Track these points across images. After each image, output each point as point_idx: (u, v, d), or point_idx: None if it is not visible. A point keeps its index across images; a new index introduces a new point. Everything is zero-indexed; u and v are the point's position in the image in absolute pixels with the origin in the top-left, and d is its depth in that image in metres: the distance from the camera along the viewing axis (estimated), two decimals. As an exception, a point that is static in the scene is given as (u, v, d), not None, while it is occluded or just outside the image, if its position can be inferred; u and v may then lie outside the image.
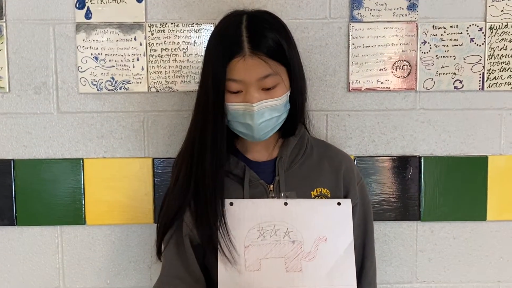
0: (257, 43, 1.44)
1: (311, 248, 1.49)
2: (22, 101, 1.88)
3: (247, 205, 1.51)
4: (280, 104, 1.49)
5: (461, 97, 1.91)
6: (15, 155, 1.89)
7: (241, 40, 1.45)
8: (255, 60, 1.44)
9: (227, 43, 1.46)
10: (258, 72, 1.44)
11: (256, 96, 1.45)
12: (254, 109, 1.45)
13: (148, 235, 1.91)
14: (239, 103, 1.47)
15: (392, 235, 1.94)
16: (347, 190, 1.60)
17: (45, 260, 1.92)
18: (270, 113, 1.48)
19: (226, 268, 1.47)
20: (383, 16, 1.88)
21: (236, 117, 1.49)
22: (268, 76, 1.45)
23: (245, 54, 1.44)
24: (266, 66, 1.44)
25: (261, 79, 1.45)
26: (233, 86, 1.46)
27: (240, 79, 1.45)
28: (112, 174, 1.89)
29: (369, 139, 1.92)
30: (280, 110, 1.51)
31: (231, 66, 1.44)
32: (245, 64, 1.44)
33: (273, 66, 1.45)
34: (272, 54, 1.45)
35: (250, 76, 1.44)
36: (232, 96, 1.47)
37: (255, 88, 1.45)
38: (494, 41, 1.89)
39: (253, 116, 1.46)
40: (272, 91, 1.47)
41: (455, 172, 1.92)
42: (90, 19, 1.86)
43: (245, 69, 1.44)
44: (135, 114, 1.89)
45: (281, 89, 1.49)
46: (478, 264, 1.96)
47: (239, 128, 1.52)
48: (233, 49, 1.44)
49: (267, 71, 1.45)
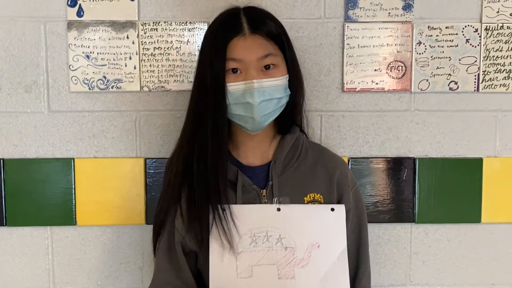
0: (256, 25, 1.47)
1: (304, 254, 1.47)
2: (12, 99, 1.86)
3: (239, 210, 1.50)
4: (281, 85, 1.49)
5: (456, 98, 1.90)
6: (5, 154, 1.87)
7: (240, 22, 1.47)
8: (255, 39, 1.46)
9: (226, 25, 1.48)
10: (258, 51, 1.46)
11: (256, 76, 1.46)
12: (254, 86, 1.45)
13: (139, 236, 1.89)
14: (239, 82, 1.46)
15: (386, 237, 1.92)
16: (341, 195, 1.59)
17: (35, 261, 1.90)
18: (271, 93, 1.47)
19: (218, 274, 1.46)
20: (378, 16, 1.86)
21: (236, 97, 1.47)
22: (268, 55, 1.47)
23: (245, 33, 1.46)
24: (267, 44, 1.46)
25: (261, 59, 1.46)
26: (233, 65, 1.46)
27: (240, 58, 1.45)
28: (104, 174, 1.88)
29: (364, 140, 1.90)
30: (281, 92, 1.50)
31: (231, 46, 1.45)
32: (245, 43, 1.45)
33: (273, 47, 1.47)
34: (271, 36, 1.47)
35: (251, 55, 1.45)
36: (232, 76, 1.47)
37: (255, 68, 1.46)
38: (489, 42, 1.88)
39: (254, 93, 1.45)
40: (271, 71, 1.48)
41: (450, 174, 1.91)
42: (82, 17, 1.83)
43: (246, 48, 1.45)
44: (127, 113, 1.87)
45: (280, 72, 1.49)
46: (472, 267, 1.95)
47: (238, 111, 1.48)
48: (233, 29, 1.46)
49: (267, 50, 1.46)
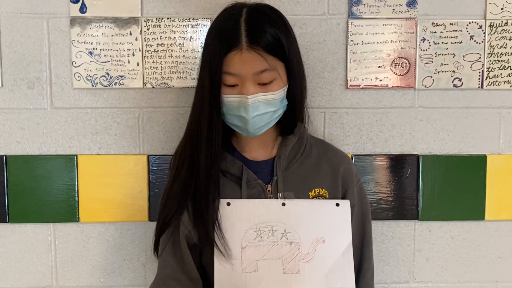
0: (255, 38, 1.43)
1: (308, 249, 1.47)
2: (15, 96, 1.85)
3: (244, 205, 1.50)
4: (276, 99, 1.48)
5: (460, 95, 1.89)
6: (7, 151, 1.86)
7: (239, 33, 1.43)
8: (252, 55, 1.42)
9: (225, 36, 1.45)
10: (254, 67, 1.43)
11: (252, 90, 1.44)
12: (248, 102, 1.44)
13: (142, 233, 1.89)
14: (235, 95, 1.46)
15: (390, 234, 1.92)
16: (345, 191, 1.59)
17: (37, 258, 1.89)
18: (265, 107, 1.47)
19: (222, 269, 1.46)
20: (382, 13, 1.85)
21: (231, 109, 1.48)
22: (264, 71, 1.44)
23: (242, 48, 1.42)
24: (263, 61, 1.43)
25: (257, 74, 1.44)
26: (229, 79, 1.45)
27: (236, 72, 1.44)
28: (107, 171, 1.87)
29: (367, 137, 1.90)
30: (276, 105, 1.49)
31: (227, 59, 1.43)
32: (241, 58, 1.42)
33: (270, 61, 1.44)
34: (270, 49, 1.44)
35: (246, 70, 1.43)
36: (228, 89, 1.46)
37: (251, 82, 1.44)
38: (494, 39, 1.87)
39: (248, 108, 1.45)
40: (268, 86, 1.46)
41: (454, 171, 1.90)
42: (85, 13, 1.83)
43: (242, 63, 1.42)
44: (130, 110, 1.87)
45: (278, 85, 1.47)
46: (476, 264, 1.94)
47: (233, 121, 1.50)
48: (231, 42, 1.43)
49: (263, 66, 1.43)
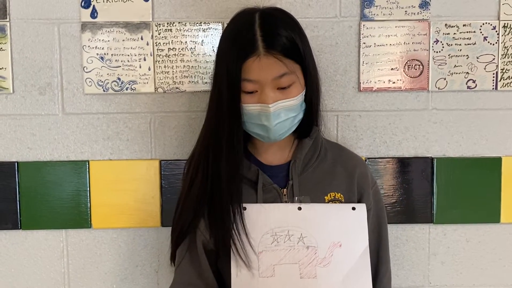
0: (271, 42, 1.42)
1: (325, 254, 1.46)
2: (26, 102, 1.85)
3: (260, 210, 1.48)
4: (296, 104, 1.47)
5: (474, 97, 1.88)
6: (19, 157, 1.85)
7: (255, 39, 1.42)
8: (270, 60, 1.42)
9: (241, 43, 1.44)
10: (273, 72, 1.42)
11: (272, 96, 1.43)
12: (270, 110, 1.43)
13: (155, 238, 1.88)
14: (255, 104, 1.45)
15: (404, 238, 1.90)
16: (361, 195, 1.58)
17: (50, 264, 1.88)
18: (286, 114, 1.46)
19: (239, 274, 1.45)
20: (394, 15, 1.84)
21: (252, 118, 1.47)
22: (283, 75, 1.43)
23: (259, 54, 1.41)
24: (281, 65, 1.42)
25: (276, 79, 1.43)
26: (248, 86, 1.44)
27: (255, 79, 1.42)
28: (118, 177, 1.86)
29: (381, 140, 1.88)
30: (296, 110, 1.48)
31: (246, 66, 1.42)
32: (260, 63, 1.41)
33: (288, 65, 1.43)
34: (287, 53, 1.43)
35: (265, 75, 1.42)
36: (247, 96, 1.45)
37: (271, 87, 1.43)
38: (507, 40, 1.86)
39: (269, 117, 1.44)
40: (287, 91, 1.45)
41: (468, 174, 1.88)
42: (95, 19, 1.82)
43: (260, 69, 1.41)
44: (142, 115, 1.86)
45: (297, 88, 1.47)
46: (492, 268, 1.92)
47: (254, 129, 1.49)
48: (248, 49, 1.42)
49: (282, 70, 1.43)
